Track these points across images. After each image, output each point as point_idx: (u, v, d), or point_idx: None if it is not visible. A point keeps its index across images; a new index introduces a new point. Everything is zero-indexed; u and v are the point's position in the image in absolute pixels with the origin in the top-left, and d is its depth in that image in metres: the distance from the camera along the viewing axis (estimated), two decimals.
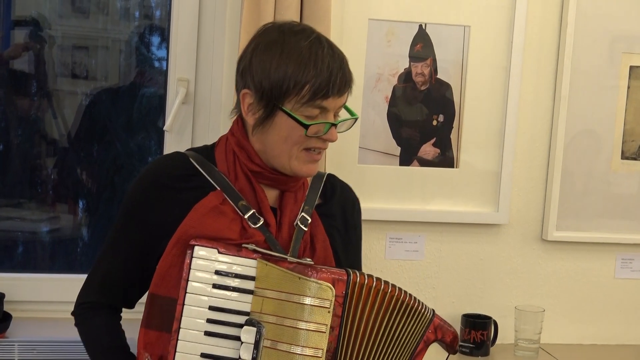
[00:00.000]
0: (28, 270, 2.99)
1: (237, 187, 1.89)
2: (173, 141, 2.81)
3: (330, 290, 1.74)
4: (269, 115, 1.84)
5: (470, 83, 2.86)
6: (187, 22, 2.77)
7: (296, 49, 1.82)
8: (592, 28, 2.91)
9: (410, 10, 2.81)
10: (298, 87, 1.80)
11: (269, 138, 1.86)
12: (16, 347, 2.50)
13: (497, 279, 2.97)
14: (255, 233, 1.85)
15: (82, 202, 3.09)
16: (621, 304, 3.05)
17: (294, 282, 1.74)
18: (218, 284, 1.77)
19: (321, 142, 1.87)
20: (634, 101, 2.97)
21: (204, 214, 1.83)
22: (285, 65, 1.81)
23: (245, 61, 1.89)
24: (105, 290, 1.96)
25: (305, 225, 1.91)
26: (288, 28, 1.87)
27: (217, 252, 1.78)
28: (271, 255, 1.79)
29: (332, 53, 1.84)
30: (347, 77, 1.86)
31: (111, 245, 1.96)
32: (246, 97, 1.87)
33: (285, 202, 1.93)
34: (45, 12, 2.96)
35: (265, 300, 1.76)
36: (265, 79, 1.82)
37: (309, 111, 1.82)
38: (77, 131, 3.03)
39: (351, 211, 2.08)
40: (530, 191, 2.96)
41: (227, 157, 1.92)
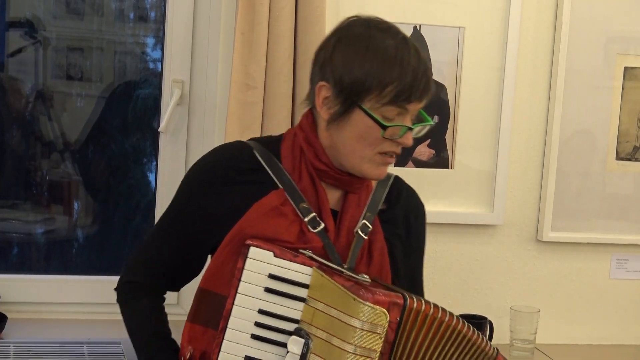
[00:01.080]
0: (23, 271, 2.98)
1: (300, 187, 1.83)
2: (168, 142, 2.81)
3: (385, 316, 1.65)
4: (345, 111, 1.77)
5: (465, 84, 2.86)
6: (182, 24, 2.77)
7: (382, 47, 1.76)
8: (587, 29, 2.91)
9: (404, 11, 2.81)
10: (381, 86, 1.74)
11: (342, 135, 1.80)
12: (11, 349, 2.49)
13: (493, 280, 2.97)
14: (313, 238, 1.79)
15: (77, 204, 3.09)
16: (616, 305, 3.05)
17: (349, 302, 1.66)
18: (270, 288, 1.72)
19: (395, 145, 1.80)
20: (629, 102, 2.97)
21: (263, 214, 1.78)
22: (370, 63, 1.74)
23: (326, 53, 1.81)
24: (152, 273, 1.92)
25: (365, 233, 1.85)
26: (375, 24, 1.82)
27: (273, 255, 1.73)
28: (328, 266, 1.73)
29: (418, 56, 1.78)
30: (429, 83, 1.79)
31: (163, 228, 1.92)
32: (322, 89, 1.80)
33: (348, 205, 1.87)
34: (39, 14, 2.96)
35: (317, 313, 1.70)
36: (346, 74, 1.75)
37: (387, 112, 1.76)
38: (72, 132, 3.03)
39: (415, 218, 2.02)
40: (525, 192, 2.96)
41: (294, 154, 1.85)
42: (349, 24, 1.85)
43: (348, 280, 1.69)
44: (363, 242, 1.84)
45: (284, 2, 2.56)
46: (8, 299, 2.73)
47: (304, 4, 2.59)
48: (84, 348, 2.52)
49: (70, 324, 2.74)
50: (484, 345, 1.81)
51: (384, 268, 1.87)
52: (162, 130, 2.78)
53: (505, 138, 2.89)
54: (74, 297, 2.81)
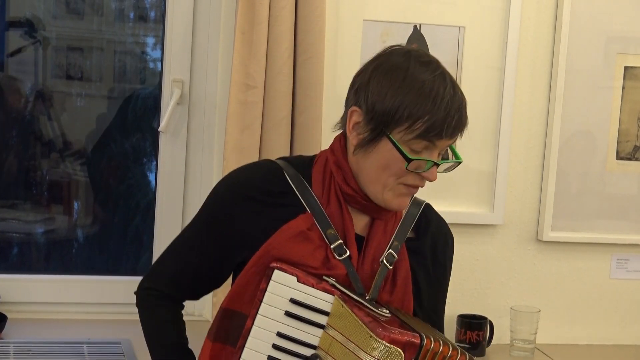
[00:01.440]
0: (23, 271, 2.99)
1: (328, 212, 1.82)
2: (168, 142, 2.81)
3: (400, 355, 1.64)
4: (374, 139, 1.76)
5: (465, 84, 2.86)
6: (182, 23, 2.77)
7: (419, 80, 1.73)
8: (587, 29, 2.91)
9: (405, 11, 2.81)
10: (412, 119, 1.72)
11: (368, 161, 1.79)
12: (11, 349, 2.49)
13: (493, 280, 2.97)
14: (337, 265, 1.78)
15: (77, 203, 3.09)
16: (616, 305, 3.05)
17: (365, 337, 1.66)
18: (291, 312, 1.72)
19: (419, 179, 1.80)
20: (629, 102, 2.97)
21: (290, 237, 1.78)
22: (404, 95, 1.72)
23: (363, 78, 1.79)
24: (174, 284, 1.91)
25: (390, 263, 1.83)
26: (415, 56, 1.78)
27: (296, 280, 1.72)
28: (349, 297, 1.72)
29: (454, 93, 1.77)
30: (462, 120, 1.79)
31: (188, 241, 1.91)
32: (354, 114, 1.79)
33: (374, 232, 1.85)
34: (39, 13, 2.96)
35: (334, 342, 1.70)
36: (379, 102, 1.74)
37: (415, 145, 1.75)
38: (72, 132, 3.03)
39: (443, 249, 1.99)
40: (525, 191, 2.96)
41: (325, 178, 1.85)
42: (391, 52, 1.82)
43: (368, 315, 1.69)
44: (387, 271, 1.83)
45: (284, 2, 2.56)
46: (8, 299, 2.73)
47: (304, 4, 2.59)
48: (84, 348, 2.52)
49: (70, 324, 2.74)
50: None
51: (406, 297, 1.85)
52: (162, 129, 2.78)
53: (505, 138, 2.89)
54: (74, 297, 2.81)
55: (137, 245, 3.03)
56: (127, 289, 2.79)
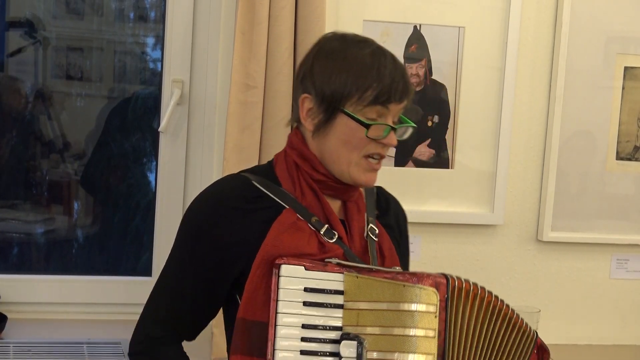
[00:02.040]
0: (23, 271, 2.99)
1: (305, 204, 1.85)
2: (168, 142, 2.81)
3: (435, 294, 1.72)
4: (329, 118, 1.82)
5: (465, 84, 2.86)
6: (182, 23, 2.77)
7: (359, 56, 1.82)
8: (587, 29, 2.91)
9: (404, 11, 2.81)
10: (360, 90, 1.79)
11: (328, 142, 1.84)
12: (11, 349, 2.50)
13: (493, 280, 2.97)
14: (333, 247, 1.82)
15: (77, 204, 3.09)
16: (616, 305, 3.05)
17: (397, 290, 1.71)
18: (308, 302, 1.73)
19: (381, 146, 1.84)
20: (629, 102, 2.97)
21: (283, 231, 1.79)
22: (348, 70, 1.80)
23: (306, 67, 1.86)
24: (173, 324, 1.87)
25: (375, 235, 1.90)
26: (350, 37, 1.88)
27: (304, 269, 1.74)
28: (360, 267, 1.76)
29: (394, 62, 1.84)
30: (408, 86, 1.85)
31: (174, 277, 1.86)
32: (305, 101, 1.84)
33: (351, 213, 1.91)
34: (39, 14, 2.96)
35: (362, 313, 1.73)
36: (326, 83, 1.81)
37: (369, 113, 1.80)
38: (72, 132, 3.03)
39: (403, 223, 2.08)
40: (525, 192, 2.96)
41: (291, 173, 1.88)
42: (326, 38, 1.90)
43: (387, 273, 1.75)
44: (375, 244, 1.89)
45: (284, 2, 2.56)
46: (8, 299, 2.73)
47: (304, 4, 2.59)
48: (84, 348, 2.52)
49: (70, 324, 2.74)
50: (524, 325, 1.88)
51: (394, 265, 1.91)
52: (162, 130, 2.78)
53: (505, 138, 2.89)
54: (74, 297, 2.81)
55: (137, 245, 3.03)
56: (127, 289, 2.81)
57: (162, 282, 1.89)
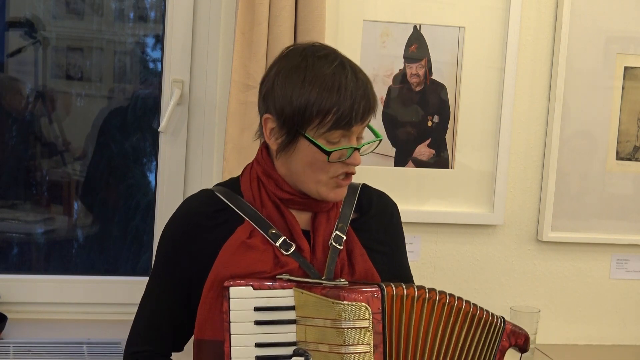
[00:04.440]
0: (23, 271, 2.99)
1: (265, 215, 1.86)
2: (168, 142, 2.81)
3: (366, 309, 1.71)
4: (291, 141, 1.82)
5: (465, 84, 2.86)
6: (182, 23, 2.77)
7: (319, 76, 1.79)
8: (587, 29, 2.91)
9: (404, 11, 2.81)
10: (321, 114, 1.77)
11: (292, 164, 1.84)
12: (11, 349, 2.50)
13: (493, 280, 2.97)
14: (288, 261, 1.82)
15: (77, 204, 3.09)
16: (616, 305, 3.05)
17: (330, 308, 1.72)
18: (260, 320, 1.75)
19: (346, 166, 1.84)
20: (629, 102, 2.97)
21: (233, 252, 1.81)
22: (308, 93, 1.78)
23: (267, 85, 1.85)
24: (154, 338, 1.91)
25: (339, 243, 1.88)
26: (311, 52, 1.84)
27: (252, 289, 1.76)
28: (305, 282, 1.77)
29: (356, 79, 1.81)
30: (370, 103, 1.82)
31: (152, 292, 1.92)
32: (268, 122, 1.85)
33: (318, 223, 1.90)
34: (39, 14, 2.96)
35: (308, 329, 1.75)
36: (287, 105, 1.79)
37: (331, 136, 1.79)
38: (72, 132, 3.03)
39: (390, 219, 2.05)
40: (525, 192, 2.96)
41: (252, 186, 1.89)
42: (287, 54, 1.87)
43: (325, 288, 1.75)
44: (339, 252, 1.88)
45: (284, 2, 2.56)
46: (8, 299, 2.73)
47: (304, 4, 2.59)
48: (84, 348, 2.52)
49: (70, 324, 2.74)
50: (488, 317, 1.86)
51: (368, 273, 1.90)
52: (162, 130, 2.78)
53: (505, 138, 2.89)
54: (74, 297, 2.81)
55: (137, 245, 3.03)
56: (127, 289, 2.81)
57: (144, 299, 1.95)
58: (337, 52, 1.86)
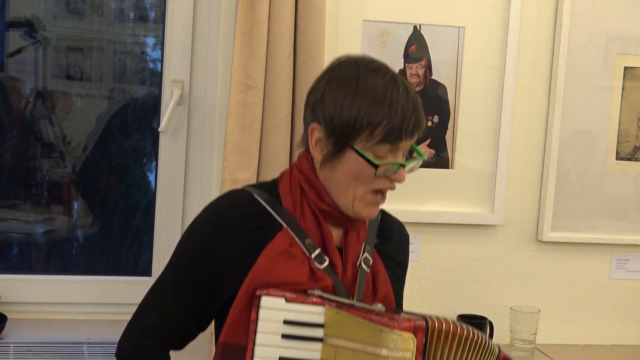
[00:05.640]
0: (23, 271, 2.99)
1: (304, 225, 1.83)
2: (168, 142, 2.81)
3: (412, 341, 1.69)
4: (338, 152, 1.79)
5: (465, 84, 2.86)
6: (182, 23, 2.77)
7: (371, 88, 1.77)
8: (587, 29, 2.92)
9: (404, 11, 2.81)
10: (371, 127, 1.75)
11: (336, 175, 1.82)
12: (11, 349, 2.50)
13: (493, 280, 2.97)
14: (323, 277, 1.80)
15: (77, 204, 3.09)
16: (616, 305, 3.05)
17: (374, 333, 1.69)
18: (287, 334, 1.72)
19: (389, 182, 1.82)
20: (629, 102, 2.97)
21: (274, 258, 1.78)
22: (359, 104, 1.75)
23: (317, 95, 1.82)
24: (162, 334, 1.85)
25: (367, 266, 1.87)
26: (364, 64, 1.82)
27: (285, 301, 1.73)
28: (341, 302, 1.75)
29: (407, 94, 1.79)
30: (420, 119, 1.81)
31: (170, 286, 1.85)
32: (315, 131, 1.81)
33: (349, 241, 1.88)
34: (39, 14, 2.96)
35: (339, 350, 1.71)
36: (337, 115, 1.77)
37: (379, 150, 1.78)
38: (72, 132, 3.03)
39: (404, 250, 2.05)
40: (525, 192, 2.96)
41: (293, 193, 1.86)
42: (339, 64, 1.85)
43: (368, 312, 1.72)
44: (366, 275, 1.87)
45: (284, 2, 2.56)
46: (8, 299, 2.73)
47: (304, 3, 2.59)
48: (84, 348, 2.52)
49: (70, 324, 2.74)
50: (491, 347, 1.86)
51: (387, 298, 1.89)
52: (162, 130, 2.78)
53: (505, 138, 2.89)
54: (74, 297, 2.81)
55: (137, 245, 3.03)
56: (127, 289, 2.81)
57: (156, 291, 1.88)
58: (388, 66, 1.85)
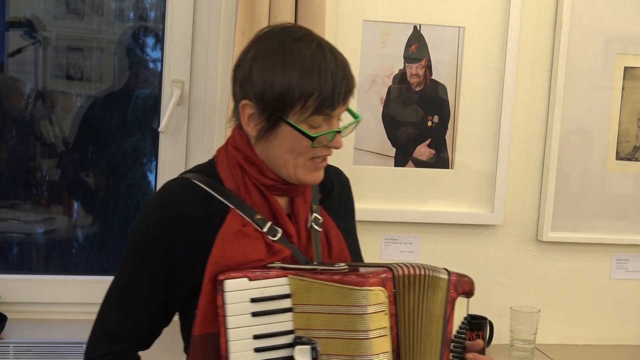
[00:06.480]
0: (23, 271, 2.99)
1: (250, 202, 1.82)
2: (168, 142, 2.81)
3: (383, 293, 1.71)
4: (272, 126, 1.78)
5: (465, 84, 2.86)
6: (182, 23, 2.77)
7: (299, 58, 1.75)
8: (587, 29, 2.91)
9: (404, 11, 2.81)
10: (303, 99, 1.74)
11: (272, 149, 1.81)
12: (11, 349, 2.50)
13: (493, 280, 2.97)
14: (280, 248, 1.80)
15: (77, 204, 3.09)
16: (616, 305, 3.05)
17: (345, 294, 1.69)
18: (256, 311, 1.73)
19: (327, 149, 1.82)
20: (629, 102, 2.97)
21: (229, 241, 1.77)
22: (289, 77, 1.74)
23: (244, 70, 1.80)
24: (126, 338, 1.85)
25: (318, 225, 1.88)
26: (288, 34, 1.80)
27: (248, 280, 1.73)
28: (302, 269, 1.75)
29: (335, 60, 1.78)
30: (350, 84, 1.80)
31: (128, 288, 1.84)
32: (246, 107, 1.80)
33: (297, 206, 1.88)
34: (39, 14, 2.96)
35: (311, 316, 1.72)
36: (267, 90, 1.75)
37: (313, 120, 1.77)
38: (72, 132, 3.03)
39: (347, 195, 2.05)
40: (525, 192, 2.96)
41: (233, 172, 1.85)
42: (263, 37, 1.83)
43: (332, 274, 1.73)
44: (319, 235, 1.88)
45: (284, 2, 2.56)
46: (8, 299, 2.73)
47: (304, 4, 2.59)
48: (83, 348, 2.52)
49: (70, 324, 2.74)
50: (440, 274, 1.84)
51: (343, 253, 1.91)
52: (162, 130, 2.78)
53: (505, 138, 2.89)
54: (74, 297, 2.81)
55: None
56: None
57: (115, 295, 1.87)
58: (313, 32, 1.83)
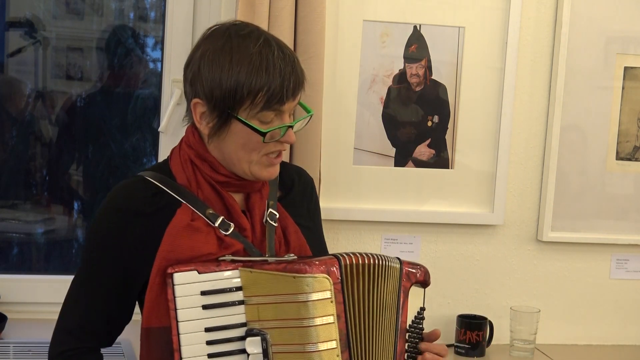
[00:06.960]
0: (23, 271, 2.99)
1: (203, 197, 1.85)
2: (168, 142, 2.81)
3: (328, 280, 1.73)
4: (223, 124, 1.81)
5: (465, 84, 2.86)
6: (182, 24, 2.77)
7: (246, 55, 1.77)
8: (587, 29, 2.91)
9: (404, 12, 2.81)
10: (252, 95, 1.77)
11: (226, 146, 1.83)
12: (11, 349, 2.50)
13: (493, 280, 2.97)
14: (232, 242, 1.82)
15: (77, 204, 3.09)
16: (616, 305, 3.05)
17: (289, 282, 1.72)
18: (207, 304, 1.74)
19: (279, 144, 1.84)
20: (629, 102, 2.97)
21: (178, 235, 1.79)
22: (237, 74, 1.76)
23: (193, 69, 1.82)
24: (89, 333, 1.87)
25: (274, 220, 1.90)
26: (234, 31, 1.82)
27: (197, 273, 1.75)
28: (253, 261, 1.78)
29: (283, 55, 1.80)
30: (299, 78, 1.82)
31: (85, 285, 1.86)
32: (197, 106, 1.83)
33: (252, 202, 1.90)
34: (39, 14, 2.96)
35: (261, 307, 1.74)
36: (216, 88, 1.78)
37: (264, 116, 1.79)
38: (72, 132, 3.03)
39: (310, 195, 2.07)
40: (525, 192, 2.96)
41: (185, 169, 1.88)
42: (210, 35, 1.85)
43: (279, 264, 1.75)
44: (275, 229, 1.89)
45: (284, 2, 2.56)
46: (8, 299, 2.73)
47: (304, 4, 2.59)
48: None
49: None
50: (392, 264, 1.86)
51: (302, 248, 1.92)
52: (162, 130, 2.78)
53: (505, 138, 2.89)
54: None
55: None
56: None
57: (74, 293, 1.89)
58: (260, 28, 1.85)
